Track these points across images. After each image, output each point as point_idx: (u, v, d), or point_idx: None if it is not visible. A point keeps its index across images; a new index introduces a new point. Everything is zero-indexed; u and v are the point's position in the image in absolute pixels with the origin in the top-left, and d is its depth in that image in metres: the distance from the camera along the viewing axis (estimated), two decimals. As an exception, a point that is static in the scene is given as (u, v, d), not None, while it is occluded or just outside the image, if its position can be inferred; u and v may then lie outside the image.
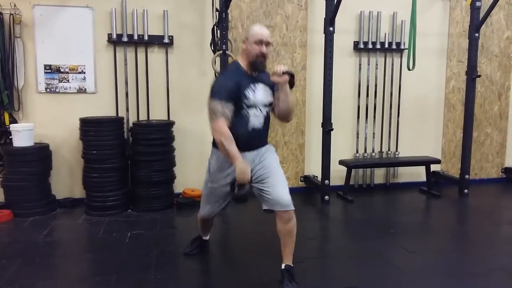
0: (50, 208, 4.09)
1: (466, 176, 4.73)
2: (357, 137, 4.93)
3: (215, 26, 3.95)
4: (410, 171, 5.14)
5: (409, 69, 3.86)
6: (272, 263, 2.81)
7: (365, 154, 4.97)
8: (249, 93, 2.49)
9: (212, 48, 4.06)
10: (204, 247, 3.15)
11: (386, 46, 4.81)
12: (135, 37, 4.22)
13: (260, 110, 2.55)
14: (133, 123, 4.20)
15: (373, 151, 5.00)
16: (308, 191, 4.77)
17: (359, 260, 3.08)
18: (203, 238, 3.13)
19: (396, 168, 5.12)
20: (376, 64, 4.85)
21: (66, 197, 4.31)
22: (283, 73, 2.43)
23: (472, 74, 4.53)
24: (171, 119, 4.39)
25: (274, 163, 2.61)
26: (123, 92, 4.29)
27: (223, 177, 2.60)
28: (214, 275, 2.91)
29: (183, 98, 4.44)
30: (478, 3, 4.39)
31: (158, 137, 4.11)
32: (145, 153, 4.08)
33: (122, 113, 4.30)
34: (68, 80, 4.16)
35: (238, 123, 2.49)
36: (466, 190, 4.73)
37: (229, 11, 4.19)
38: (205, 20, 4.37)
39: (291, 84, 2.50)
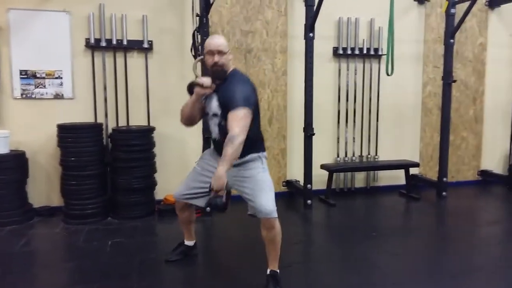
0: (27, 217, 3.96)
1: (444, 179, 4.83)
2: (338, 142, 4.98)
3: (195, 31, 3.93)
4: (390, 174, 5.21)
5: (388, 75, 3.93)
6: (257, 268, 2.80)
7: (346, 158, 5.02)
8: (206, 101, 2.67)
9: (193, 53, 4.03)
10: (188, 254, 3.10)
11: (365, 52, 4.89)
12: (114, 42, 4.16)
13: (212, 119, 2.64)
14: (113, 129, 4.12)
15: (353, 155, 5.06)
16: (291, 196, 4.78)
17: (344, 264, 3.09)
18: (186, 243, 3.08)
19: (376, 171, 5.19)
20: (355, 70, 4.92)
21: (44, 205, 4.17)
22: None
23: (448, 79, 4.65)
24: (151, 124, 4.34)
25: (255, 170, 2.58)
26: (101, 98, 4.21)
27: (208, 162, 2.75)
28: (198, 282, 2.87)
29: (163, 103, 4.39)
30: (452, 10, 4.52)
31: (138, 143, 4.04)
32: (125, 159, 4.01)
33: (100, 119, 4.22)
34: (44, 86, 4.06)
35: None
36: (444, 193, 4.83)
37: (209, 16, 4.18)
38: (185, 25, 4.34)
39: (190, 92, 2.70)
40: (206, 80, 2.57)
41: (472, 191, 5.29)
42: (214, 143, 2.76)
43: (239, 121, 2.36)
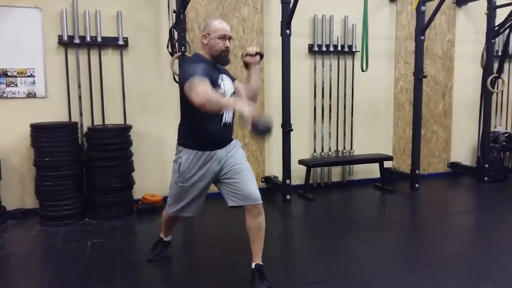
0: (0, 220, 3.84)
1: (417, 172, 5.00)
2: (314, 137, 5.06)
3: (172, 28, 3.90)
4: (364, 168, 5.34)
5: (363, 71, 4.02)
6: (239, 264, 2.85)
7: (322, 154, 5.11)
8: (220, 82, 2.49)
9: (170, 50, 4.01)
10: (166, 250, 3.08)
11: (339, 48, 4.98)
12: (88, 38, 4.07)
13: None
14: (88, 128, 4.05)
15: (329, 150, 5.15)
16: (270, 192, 4.82)
17: (325, 255, 3.15)
18: (165, 239, 3.07)
19: (351, 166, 5.30)
20: (330, 66, 5.01)
21: (17, 208, 4.06)
22: (256, 53, 2.54)
23: (419, 75, 4.80)
24: (127, 123, 4.28)
25: (242, 158, 2.63)
26: (76, 96, 4.12)
27: (192, 176, 2.56)
28: (183, 280, 2.85)
29: (140, 101, 4.34)
30: (423, 8, 4.66)
31: (115, 142, 3.98)
32: (102, 158, 3.94)
33: (75, 118, 4.13)
34: (16, 84, 3.93)
35: (209, 118, 2.43)
36: (417, 185, 4.99)
37: (185, 12, 4.16)
38: (160, 22, 4.30)
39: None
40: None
41: (442, 182, 5.49)
42: (220, 130, 2.52)
43: None
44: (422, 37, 4.74)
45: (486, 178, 5.32)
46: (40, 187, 3.86)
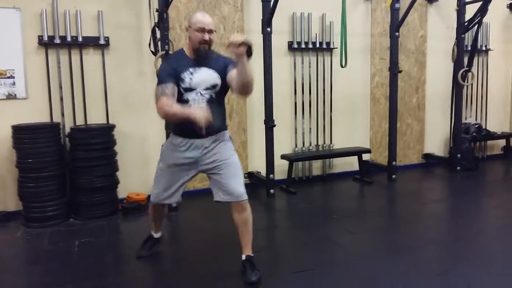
0: (-18, 223, 3.81)
1: (393, 163, 5.19)
2: (295, 132, 5.18)
3: (155, 27, 3.93)
4: (343, 161, 5.50)
5: (342, 67, 4.16)
6: (229, 255, 2.95)
7: (303, 148, 5.24)
8: (185, 76, 2.55)
9: (152, 49, 4.04)
10: (156, 246, 3.14)
11: (318, 45, 5.11)
12: (68, 38, 4.05)
13: (201, 94, 2.56)
14: (71, 128, 4.04)
15: (310, 145, 5.28)
16: (253, 187, 4.90)
17: (309, 245, 3.28)
18: (155, 236, 3.13)
19: (331, 159, 5.46)
20: (309, 63, 5.13)
21: (-1, 210, 4.03)
22: (240, 44, 2.21)
23: (394, 70, 4.98)
24: (110, 122, 4.29)
25: (228, 153, 2.67)
26: (57, 97, 4.10)
27: (170, 159, 2.70)
28: (173, 274, 2.92)
29: (122, 100, 4.35)
30: (397, 5, 4.85)
31: (99, 141, 3.99)
32: (86, 158, 3.94)
33: (56, 118, 4.11)
34: (-5, 86, 3.90)
35: None
36: (394, 176, 5.19)
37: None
38: (141, 21, 4.32)
39: (249, 54, 2.28)
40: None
41: (417, 173, 5.72)
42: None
43: None
44: (397, 33, 4.92)
45: (458, 168, 5.57)
46: (23, 188, 3.83)
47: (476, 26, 5.30)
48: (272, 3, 4.16)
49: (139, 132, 4.43)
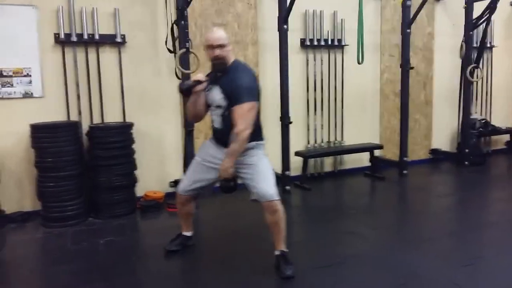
0: (0, 224, 3.76)
1: (405, 158, 5.25)
2: (308, 129, 5.21)
3: (174, 24, 3.92)
4: (354, 157, 5.53)
5: (359, 63, 4.19)
6: (258, 251, 2.99)
7: (316, 145, 5.27)
8: (207, 92, 2.73)
9: (171, 47, 4.02)
10: (186, 244, 3.14)
11: (329, 43, 5.14)
12: (85, 36, 4.01)
13: (215, 110, 2.72)
14: (91, 127, 4.00)
15: (322, 142, 5.32)
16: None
17: (333, 239, 3.35)
18: (184, 233, 3.13)
19: (342, 156, 5.49)
20: (321, 60, 5.16)
21: (16, 211, 3.97)
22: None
23: (406, 66, 5.03)
24: (127, 121, 4.26)
25: (251, 159, 2.69)
26: (74, 95, 4.06)
27: (207, 154, 2.84)
28: (203, 271, 2.92)
29: (139, 98, 4.33)
30: (408, 2, 4.90)
31: (118, 140, 3.97)
32: (105, 157, 3.92)
33: (73, 117, 4.07)
34: (12, 85, 3.84)
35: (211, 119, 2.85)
36: (405, 171, 5.25)
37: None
38: (157, 18, 4.30)
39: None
40: (200, 76, 2.68)
41: (426, 168, 5.79)
42: (216, 132, 2.83)
43: (244, 117, 2.52)
44: (408, 30, 4.97)
45: (466, 163, 5.65)
46: (42, 188, 3.79)
47: (484, 23, 5.36)
48: (289, 0, 4.17)
49: (155, 130, 4.42)
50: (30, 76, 3.89)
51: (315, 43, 5.05)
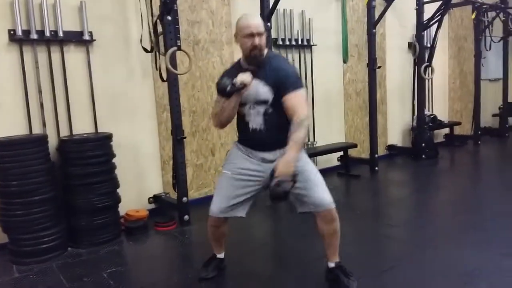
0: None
1: (376, 155, 5.37)
2: (284, 131, 5.04)
3: (157, 20, 3.47)
4: (324, 158, 5.51)
5: (344, 62, 4.16)
6: (296, 267, 2.74)
7: (291, 147, 5.12)
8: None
9: (153, 45, 3.56)
10: (221, 267, 2.75)
11: (299, 42, 5.06)
12: (47, 33, 3.38)
13: (255, 107, 2.34)
14: (62, 140, 3.37)
15: (296, 144, 5.18)
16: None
17: (368, 242, 3.23)
18: (218, 256, 2.73)
19: (315, 157, 5.42)
20: (293, 60, 5.05)
21: (-32, 250, 3.17)
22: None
23: (373, 66, 5.16)
24: (99, 131, 3.68)
25: (301, 163, 2.32)
26: (36, 103, 3.39)
27: (237, 166, 2.42)
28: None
29: (111, 104, 3.77)
30: (373, 3, 5.03)
31: (98, 154, 3.37)
32: (82, 175, 3.31)
33: (36, 129, 3.40)
34: (-43, 92, 3.06)
35: (240, 121, 2.42)
36: (376, 168, 5.36)
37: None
38: (127, 13, 3.80)
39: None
40: (248, 77, 2.24)
41: (388, 163, 5.96)
42: (255, 134, 2.37)
43: (303, 103, 2.26)
44: (374, 30, 5.11)
45: (423, 156, 5.98)
46: (7, 217, 3.08)
47: (436, 24, 5.73)
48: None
49: (131, 140, 3.90)
50: (-20, 81, 3.14)
51: (287, 42, 4.93)
